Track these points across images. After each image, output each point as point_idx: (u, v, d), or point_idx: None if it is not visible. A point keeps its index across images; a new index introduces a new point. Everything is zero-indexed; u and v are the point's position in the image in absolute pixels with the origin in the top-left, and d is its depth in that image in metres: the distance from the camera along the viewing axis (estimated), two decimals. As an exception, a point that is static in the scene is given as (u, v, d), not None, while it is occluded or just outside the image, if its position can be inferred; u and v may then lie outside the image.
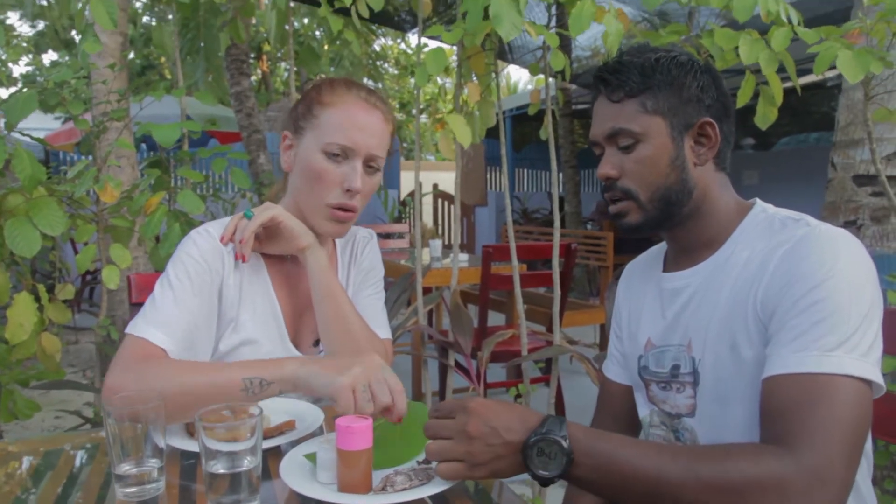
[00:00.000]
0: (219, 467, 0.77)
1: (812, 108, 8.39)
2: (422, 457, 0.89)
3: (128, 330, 1.05)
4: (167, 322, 1.05)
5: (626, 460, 0.76)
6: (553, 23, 5.59)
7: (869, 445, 0.95)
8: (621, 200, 0.99)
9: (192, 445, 0.94)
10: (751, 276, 0.91)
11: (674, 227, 1.01)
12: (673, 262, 1.06)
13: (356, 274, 1.34)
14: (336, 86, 1.18)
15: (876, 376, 0.80)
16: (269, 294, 1.19)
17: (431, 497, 0.81)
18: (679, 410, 1.01)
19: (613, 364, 1.19)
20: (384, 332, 1.33)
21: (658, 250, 1.15)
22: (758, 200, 1.01)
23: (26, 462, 0.97)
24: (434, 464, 0.85)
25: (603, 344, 3.96)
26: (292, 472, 0.84)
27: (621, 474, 0.76)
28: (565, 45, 5.75)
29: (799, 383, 0.79)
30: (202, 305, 1.10)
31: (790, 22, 1.80)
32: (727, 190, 1.01)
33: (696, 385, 0.97)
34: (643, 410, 1.10)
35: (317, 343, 1.23)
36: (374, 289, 1.36)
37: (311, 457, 0.87)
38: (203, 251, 1.13)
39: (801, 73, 1.99)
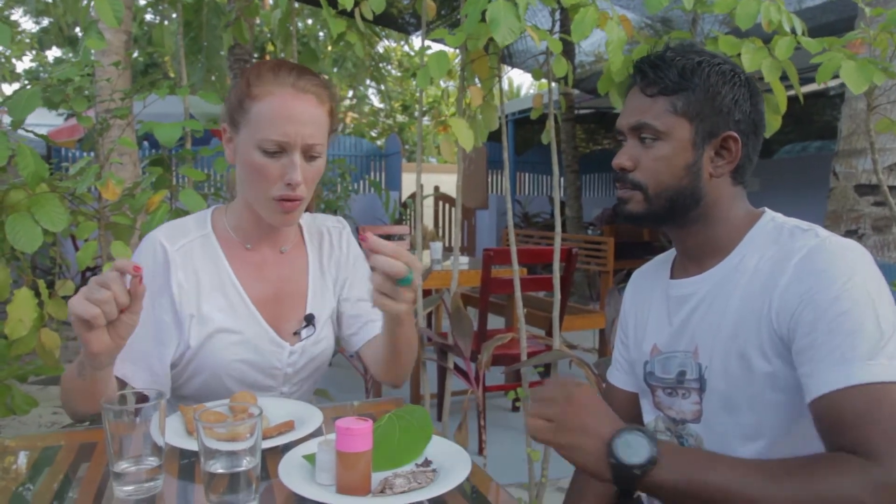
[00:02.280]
0: (217, 467, 0.77)
1: (814, 117, 8.41)
2: (421, 460, 0.89)
3: None
4: None
5: (712, 468, 0.77)
6: (556, 28, 5.60)
7: None
8: (629, 190, 1.00)
9: (191, 444, 0.94)
10: (761, 286, 0.90)
11: (677, 227, 1.02)
12: (680, 269, 1.07)
13: (340, 268, 1.32)
14: (263, 74, 1.13)
15: None
16: (234, 284, 1.19)
17: (430, 500, 0.81)
18: (684, 416, 1.01)
19: (618, 371, 1.20)
20: None
21: (665, 258, 1.15)
22: (766, 209, 1.01)
23: (24, 458, 0.97)
24: (433, 466, 0.86)
25: (602, 349, 3.96)
26: (291, 473, 0.84)
27: (704, 483, 0.76)
28: (568, 50, 5.76)
29: (855, 396, 0.78)
30: (147, 315, 1.12)
31: (794, 31, 1.80)
32: (740, 202, 1.01)
33: (703, 391, 0.97)
34: (648, 416, 1.10)
35: (297, 332, 1.23)
36: (367, 285, 1.35)
37: (310, 458, 0.87)
38: (143, 261, 1.15)
39: (804, 81, 2.00)
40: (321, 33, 10.46)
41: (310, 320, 1.24)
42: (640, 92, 1.00)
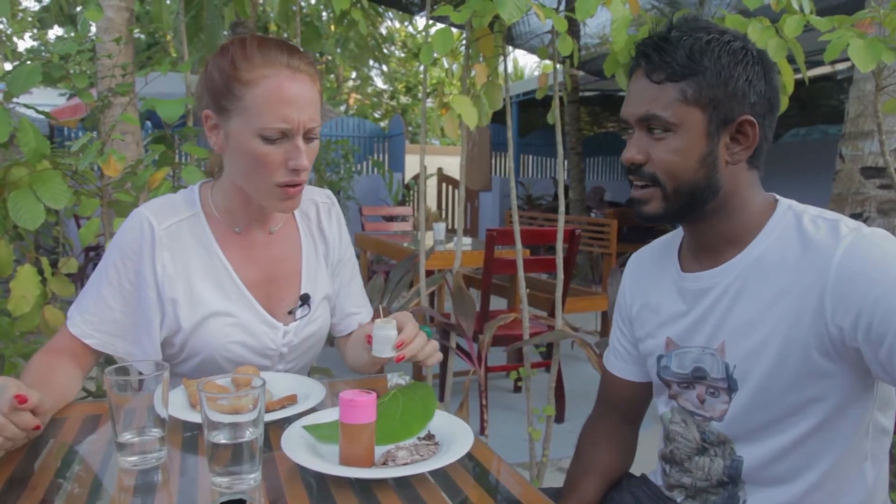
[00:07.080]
0: (221, 437, 0.77)
1: (820, 101, 8.34)
2: (424, 433, 0.89)
3: (69, 311, 1.13)
4: (91, 319, 1.12)
5: None
6: (562, 7, 5.55)
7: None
8: (646, 186, 0.94)
9: (194, 417, 0.94)
10: (803, 286, 0.87)
11: (696, 221, 0.97)
12: (693, 260, 1.02)
13: (331, 246, 1.31)
14: (252, 56, 1.06)
15: None
16: (226, 268, 1.17)
17: (432, 472, 0.82)
18: (712, 415, 0.99)
19: (617, 359, 1.17)
20: (369, 310, 1.38)
21: (666, 244, 1.10)
22: (778, 197, 0.97)
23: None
24: (435, 440, 0.86)
25: (604, 331, 3.96)
26: (294, 445, 0.84)
27: None
28: (573, 31, 5.71)
29: None
30: (129, 295, 1.13)
31: (802, 11, 1.78)
32: (755, 188, 0.96)
33: (732, 391, 0.95)
34: (663, 408, 1.09)
35: (291, 311, 1.22)
36: (353, 264, 1.38)
37: (312, 429, 0.88)
38: (129, 238, 1.13)
39: (811, 65, 1.98)
40: (324, 13, 10.38)
41: (305, 300, 1.23)
42: (645, 78, 0.91)
